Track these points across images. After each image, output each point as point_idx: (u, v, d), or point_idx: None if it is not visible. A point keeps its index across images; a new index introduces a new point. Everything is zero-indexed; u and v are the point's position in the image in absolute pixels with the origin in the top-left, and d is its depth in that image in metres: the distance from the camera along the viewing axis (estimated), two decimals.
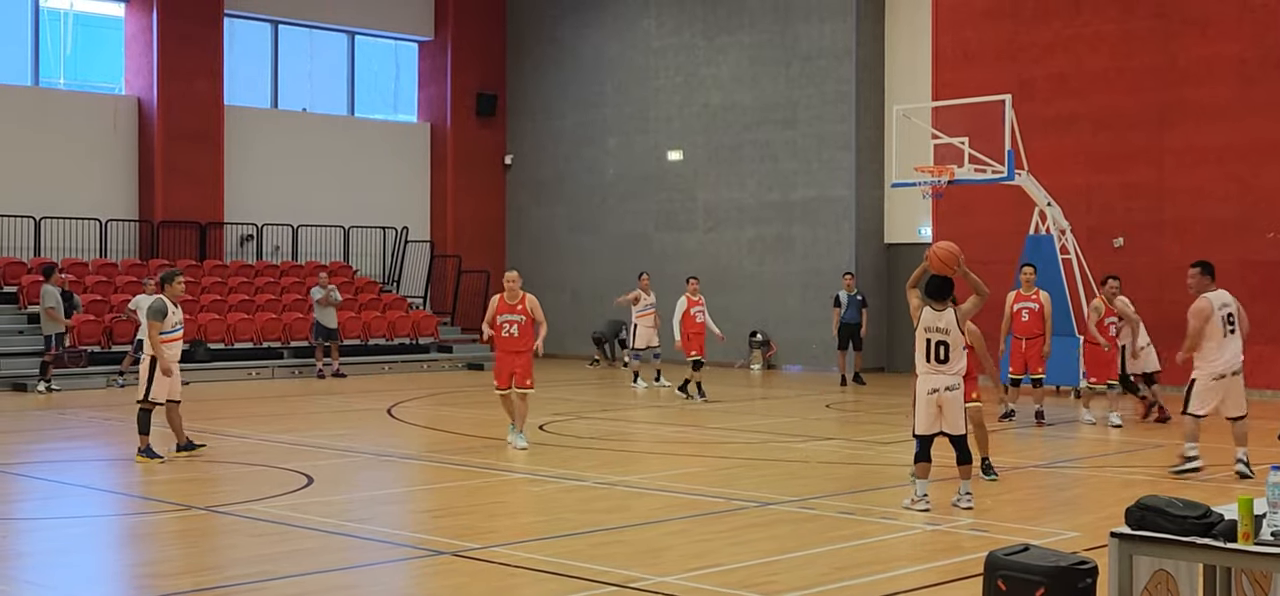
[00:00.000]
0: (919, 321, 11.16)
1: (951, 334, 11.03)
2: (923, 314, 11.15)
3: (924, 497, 11.08)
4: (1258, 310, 21.71)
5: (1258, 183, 22.02)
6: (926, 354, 11.09)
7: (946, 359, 11.03)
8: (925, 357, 11.10)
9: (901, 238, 27.21)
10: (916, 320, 11.22)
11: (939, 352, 11.03)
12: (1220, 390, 13.06)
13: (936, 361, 11.05)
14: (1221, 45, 22.39)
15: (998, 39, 24.70)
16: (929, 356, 11.08)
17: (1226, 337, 13.04)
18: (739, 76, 28.94)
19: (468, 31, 32.59)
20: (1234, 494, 8.06)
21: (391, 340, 28.21)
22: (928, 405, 11.08)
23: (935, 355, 11.05)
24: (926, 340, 11.09)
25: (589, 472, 13.51)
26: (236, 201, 29.17)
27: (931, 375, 11.07)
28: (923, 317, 11.14)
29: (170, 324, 14.14)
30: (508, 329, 15.22)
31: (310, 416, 19.51)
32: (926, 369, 11.09)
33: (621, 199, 31.12)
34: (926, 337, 11.10)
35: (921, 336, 11.13)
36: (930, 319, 11.11)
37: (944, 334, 11.04)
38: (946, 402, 11.03)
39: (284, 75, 30.94)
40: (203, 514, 11.30)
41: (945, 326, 11.07)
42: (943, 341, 11.03)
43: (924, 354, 11.10)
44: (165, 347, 14.09)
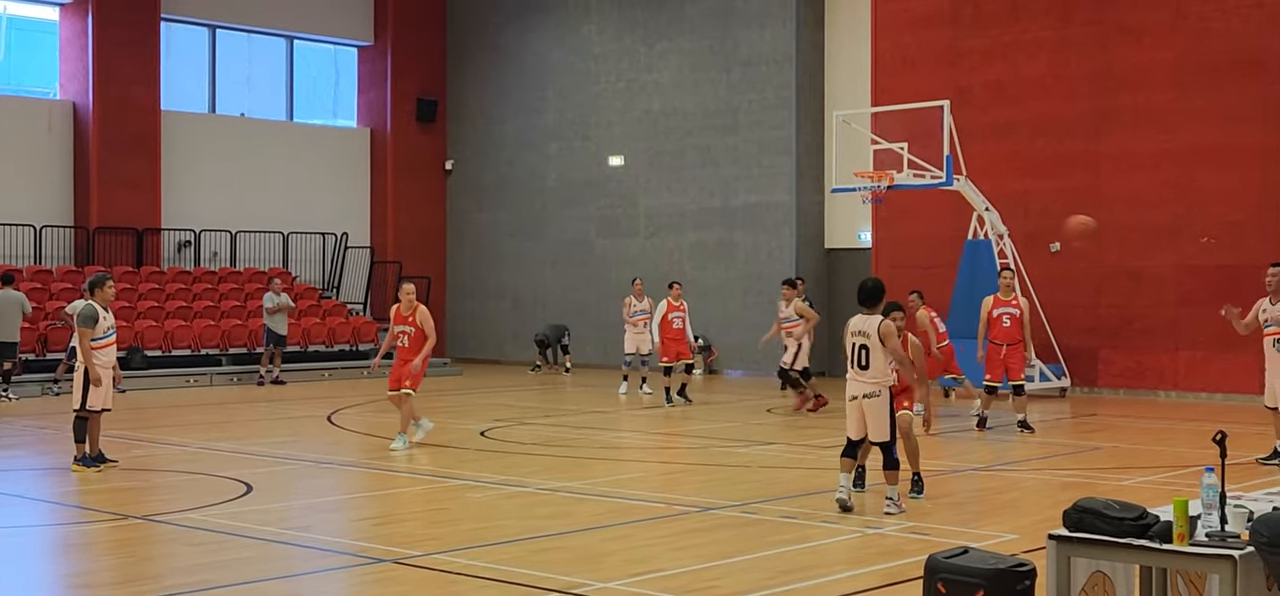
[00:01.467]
0: (848, 326, 11.21)
1: (872, 339, 11.06)
2: (851, 321, 11.21)
3: (843, 487, 11.16)
4: (1193, 315, 22.09)
5: (1193, 188, 22.32)
6: (850, 359, 11.15)
7: (867, 364, 11.06)
8: (849, 363, 11.17)
9: (842, 243, 27.37)
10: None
11: (861, 357, 11.08)
12: None
13: (858, 367, 11.11)
14: (1156, 52, 22.68)
15: (937, 46, 24.90)
16: (852, 361, 11.13)
17: None
18: (680, 82, 29.01)
19: (408, 36, 32.45)
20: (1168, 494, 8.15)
21: (331, 347, 28.01)
22: (851, 410, 11.19)
23: (857, 360, 11.11)
24: (851, 344, 11.15)
25: (531, 478, 13.47)
26: (174, 207, 28.87)
27: (852, 381, 11.16)
28: (850, 322, 11.20)
29: (102, 329, 13.96)
30: (401, 338, 15.90)
31: (250, 424, 19.34)
32: (850, 374, 11.18)
33: (563, 205, 31.09)
34: (851, 342, 11.15)
35: (846, 340, 11.20)
36: (857, 323, 11.17)
37: (866, 338, 11.08)
38: (867, 409, 11.08)
39: (222, 80, 30.67)
40: (139, 523, 11.17)
41: (868, 331, 11.09)
42: (865, 345, 11.08)
43: (848, 359, 11.17)
44: (98, 354, 13.91)
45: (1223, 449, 6.20)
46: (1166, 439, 17.05)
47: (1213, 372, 22.08)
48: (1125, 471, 13.97)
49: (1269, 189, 21.62)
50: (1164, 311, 22.37)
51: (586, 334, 29.86)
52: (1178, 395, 22.15)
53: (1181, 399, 21.97)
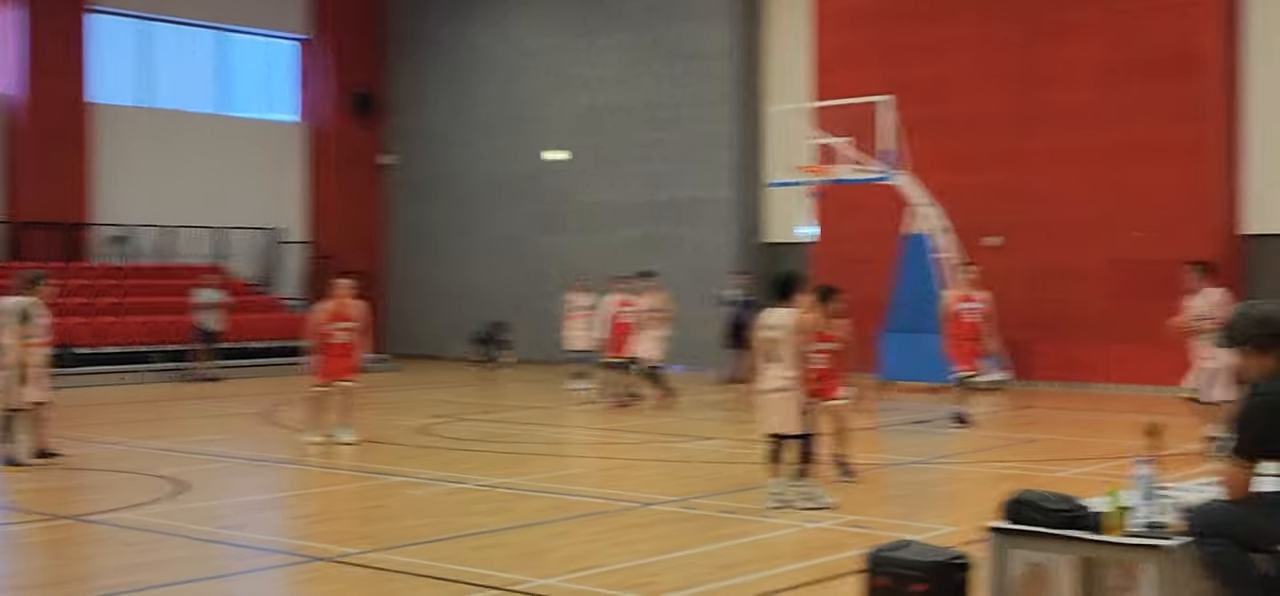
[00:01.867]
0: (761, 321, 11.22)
1: (784, 334, 11.07)
2: (763, 315, 11.23)
3: (775, 491, 11.14)
4: (1124, 308, 22.35)
5: (1123, 183, 22.58)
6: (763, 353, 11.16)
7: (779, 358, 11.08)
8: (762, 357, 11.18)
9: (780, 237, 27.44)
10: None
11: (773, 351, 11.11)
12: None
13: (774, 361, 11.12)
14: (1084, 49, 22.92)
15: (874, 41, 25.01)
16: (765, 356, 11.15)
17: None
18: (618, 77, 28.97)
19: (345, 30, 32.18)
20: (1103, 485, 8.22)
21: (267, 343, 27.73)
22: (763, 404, 11.21)
23: (769, 354, 11.12)
24: (763, 338, 11.16)
25: (470, 475, 13.41)
26: (105, 202, 28.48)
27: (764, 376, 11.16)
28: (762, 316, 11.23)
29: (36, 328, 13.74)
30: (340, 336, 15.78)
31: (183, 421, 19.13)
32: (765, 368, 11.17)
33: (500, 200, 30.97)
34: (763, 336, 11.16)
35: (758, 334, 11.20)
36: (769, 317, 11.18)
37: (778, 332, 11.10)
38: (776, 404, 11.09)
39: (155, 73, 30.26)
40: (70, 523, 11.00)
41: (780, 326, 11.11)
42: (774, 337, 11.11)
43: (761, 353, 11.18)
44: (30, 352, 13.69)
45: (1156, 441, 6.27)
46: (1100, 431, 17.24)
47: (1144, 365, 22.32)
48: (1061, 463, 14.11)
49: (1197, 184, 21.92)
50: (1096, 305, 22.62)
51: (524, 329, 29.74)
52: (1111, 388, 22.40)
53: (1115, 391, 22.22)
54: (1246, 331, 5.97)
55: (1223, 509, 5.85)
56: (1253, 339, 5.96)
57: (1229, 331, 6.07)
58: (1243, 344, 5.99)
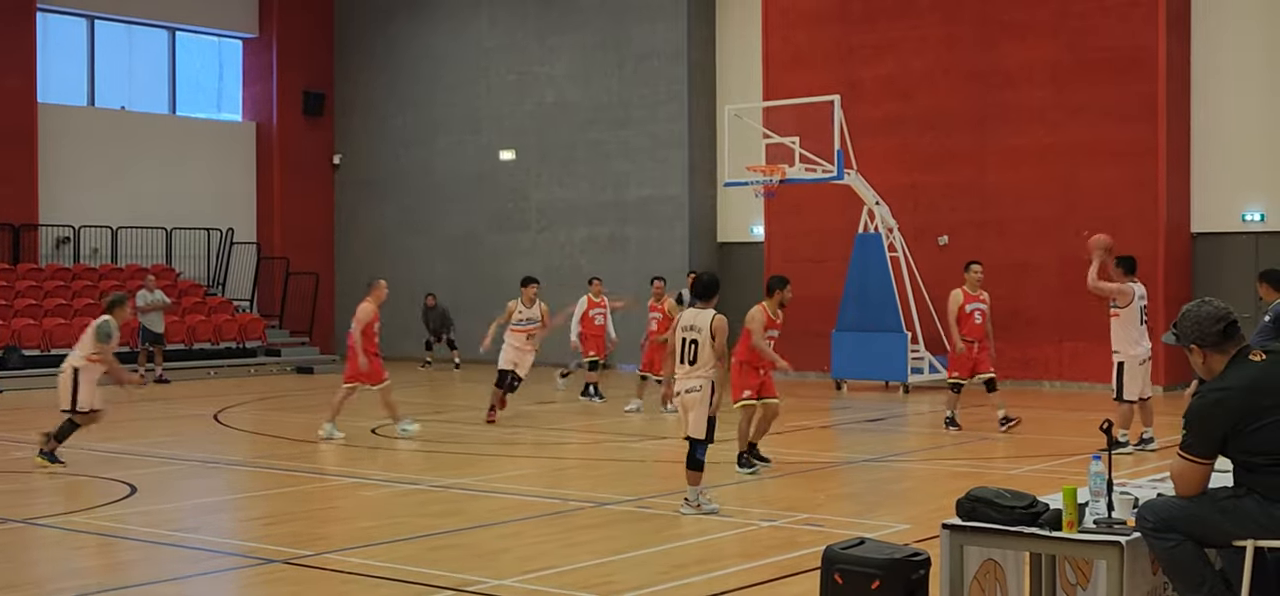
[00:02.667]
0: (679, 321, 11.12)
1: (703, 334, 11.02)
2: (682, 315, 11.14)
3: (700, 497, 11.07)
4: (1077, 305, 22.49)
5: (1076, 182, 22.76)
6: (680, 354, 11.05)
7: (696, 359, 11.01)
8: (679, 358, 11.06)
9: (734, 236, 27.50)
10: None
11: (690, 353, 11.02)
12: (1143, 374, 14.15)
13: (687, 362, 11.03)
14: (1039, 49, 23.09)
15: (827, 41, 25.10)
16: (683, 357, 11.05)
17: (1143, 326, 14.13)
18: (572, 76, 28.93)
19: (293, 28, 31.97)
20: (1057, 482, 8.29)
21: (217, 344, 27.52)
22: (678, 406, 11.14)
23: (687, 355, 11.04)
24: (681, 339, 11.06)
25: (423, 475, 13.34)
26: (52, 203, 28.16)
27: (681, 377, 11.06)
28: (682, 316, 11.14)
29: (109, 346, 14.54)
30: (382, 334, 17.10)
31: (133, 424, 18.90)
32: (680, 370, 11.07)
33: (453, 199, 30.86)
34: (681, 337, 11.06)
35: (677, 335, 11.09)
36: (689, 318, 11.09)
37: (696, 333, 11.04)
38: (688, 404, 11.02)
39: (101, 72, 29.96)
40: (19, 526, 10.86)
41: (699, 326, 11.05)
42: (695, 340, 11.04)
43: (678, 354, 11.07)
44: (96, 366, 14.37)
45: (1109, 438, 6.31)
46: (1053, 428, 17.37)
47: (1095, 363, 22.51)
48: (1014, 460, 14.20)
49: (1146, 183, 22.12)
50: (1048, 303, 22.80)
51: (476, 329, 29.59)
52: (1062, 385, 22.59)
53: (1066, 389, 22.41)
54: (1197, 329, 6.02)
55: (1177, 504, 5.89)
56: (1202, 337, 6.00)
57: (1178, 329, 6.10)
58: (1193, 341, 6.03)
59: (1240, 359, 5.95)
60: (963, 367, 16.53)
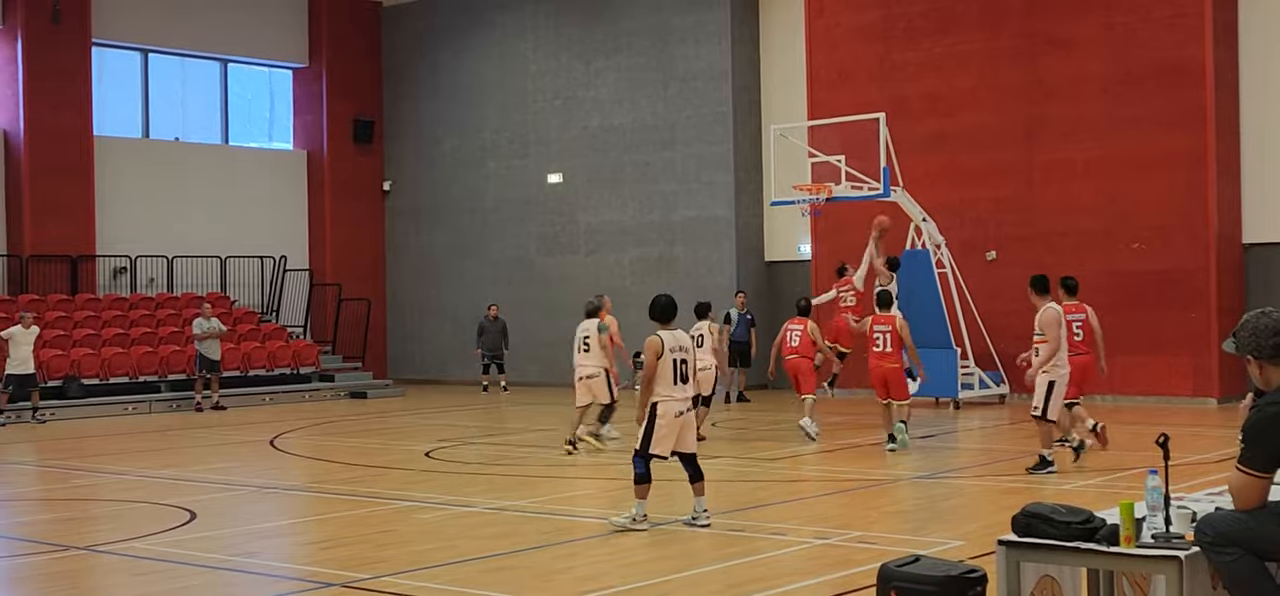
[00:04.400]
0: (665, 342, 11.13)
1: (691, 352, 11.20)
2: (662, 338, 11.14)
3: (645, 516, 11.16)
4: (1124, 318, 22.40)
5: (1122, 196, 22.67)
6: (673, 376, 11.11)
7: (688, 378, 11.19)
8: (672, 380, 11.11)
9: (781, 256, 27.54)
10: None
11: (683, 372, 11.16)
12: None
13: (681, 382, 11.14)
14: (1085, 63, 23.03)
15: (870, 59, 25.14)
16: (676, 378, 11.13)
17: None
18: (617, 99, 29.08)
19: (343, 57, 32.31)
20: (1112, 497, 8.28)
21: (272, 371, 27.77)
22: (672, 426, 11.16)
23: (680, 375, 11.14)
24: (672, 361, 11.11)
25: (477, 498, 13.44)
26: (108, 234, 28.55)
27: (678, 398, 11.14)
28: (665, 338, 11.14)
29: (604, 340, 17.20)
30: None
31: (191, 450, 19.15)
32: (673, 390, 11.11)
33: (502, 223, 31.06)
34: (672, 358, 11.12)
35: (667, 358, 11.10)
36: (671, 340, 11.17)
37: (685, 353, 11.19)
38: (688, 424, 11.21)
39: (155, 105, 30.38)
40: (83, 554, 11.04)
41: (686, 346, 11.21)
42: (685, 359, 11.18)
43: (672, 376, 11.10)
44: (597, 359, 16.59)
45: (1165, 451, 6.29)
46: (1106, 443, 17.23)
47: (1148, 376, 22.40)
48: (1066, 476, 14.14)
49: (1195, 193, 22.00)
50: (1099, 316, 22.60)
51: (527, 352, 29.80)
52: (1114, 399, 22.45)
53: (1118, 402, 22.27)
54: (1254, 340, 6.00)
55: (1236, 519, 5.87)
56: (1259, 348, 5.99)
57: (1238, 339, 6.08)
58: (1250, 352, 6.02)
59: None
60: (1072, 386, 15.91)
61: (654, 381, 11.09)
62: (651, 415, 11.13)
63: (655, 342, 11.12)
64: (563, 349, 27.76)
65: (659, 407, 11.11)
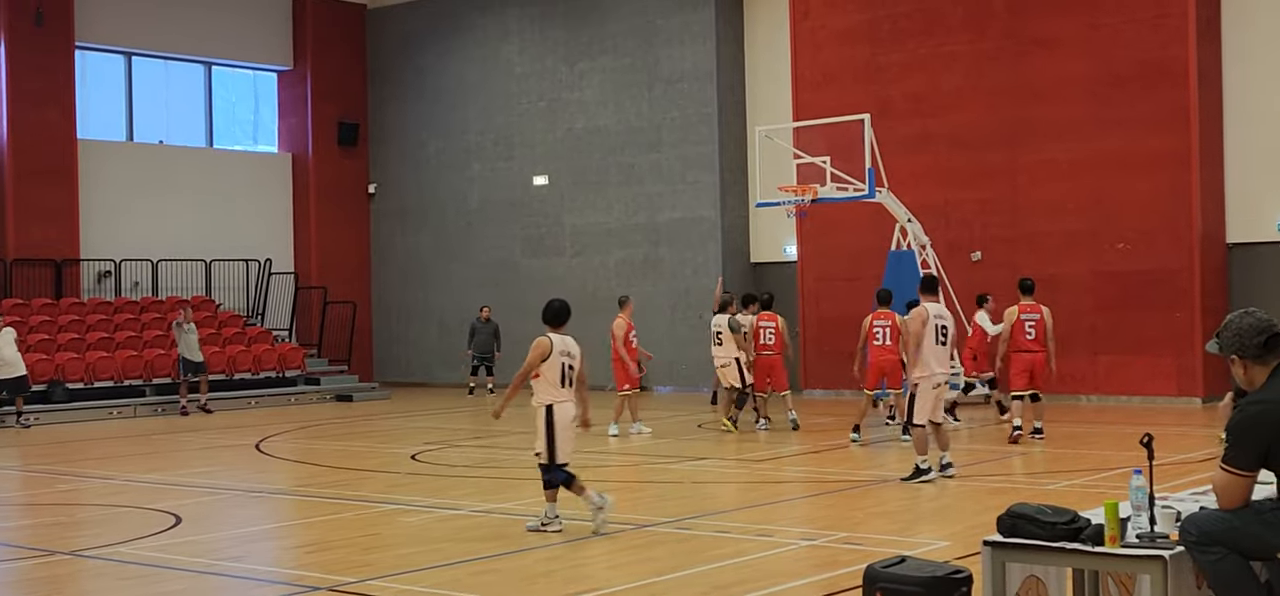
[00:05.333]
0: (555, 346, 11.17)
1: (578, 358, 11.26)
2: (552, 340, 11.20)
3: (557, 518, 11.18)
4: (1109, 319, 22.48)
5: (1107, 196, 22.73)
6: (562, 379, 11.17)
7: (573, 382, 11.27)
8: (561, 383, 11.16)
9: (767, 257, 27.56)
10: None
11: (569, 376, 11.22)
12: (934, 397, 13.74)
13: (567, 384, 11.19)
14: (1069, 64, 23.09)
15: (855, 61, 25.17)
16: (563, 381, 11.17)
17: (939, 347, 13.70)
18: (602, 100, 29.08)
19: (327, 60, 32.27)
20: (1096, 496, 8.30)
21: (257, 374, 27.72)
22: (570, 434, 11.23)
23: (566, 379, 11.19)
24: (560, 364, 11.16)
25: (463, 501, 13.43)
26: (93, 237, 28.47)
27: (569, 403, 11.22)
28: (555, 344, 11.19)
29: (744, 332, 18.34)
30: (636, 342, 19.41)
31: (176, 454, 19.11)
32: (565, 394, 11.17)
33: (487, 225, 31.04)
34: (560, 361, 11.16)
35: (556, 361, 11.14)
36: (560, 343, 11.21)
37: (572, 358, 11.25)
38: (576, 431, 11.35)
39: (139, 107, 30.30)
40: (67, 559, 11.00)
41: (574, 352, 11.27)
42: (572, 364, 11.24)
43: (559, 378, 11.16)
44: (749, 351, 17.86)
45: (1150, 451, 6.31)
46: (1089, 442, 17.34)
47: (1132, 376, 22.48)
48: (1051, 476, 14.19)
49: (1179, 194, 22.08)
50: (1082, 318, 22.74)
51: (513, 355, 29.71)
52: (1098, 399, 22.52)
53: (1102, 402, 22.34)
54: (1238, 340, 6.03)
55: (1220, 518, 5.90)
56: (1243, 348, 6.01)
57: (1221, 339, 6.11)
58: (1234, 352, 6.05)
59: None
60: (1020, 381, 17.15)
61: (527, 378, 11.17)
62: (549, 422, 11.15)
63: (544, 344, 11.15)
64: None
65: (555, 412, 11.15)
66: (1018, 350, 17.09)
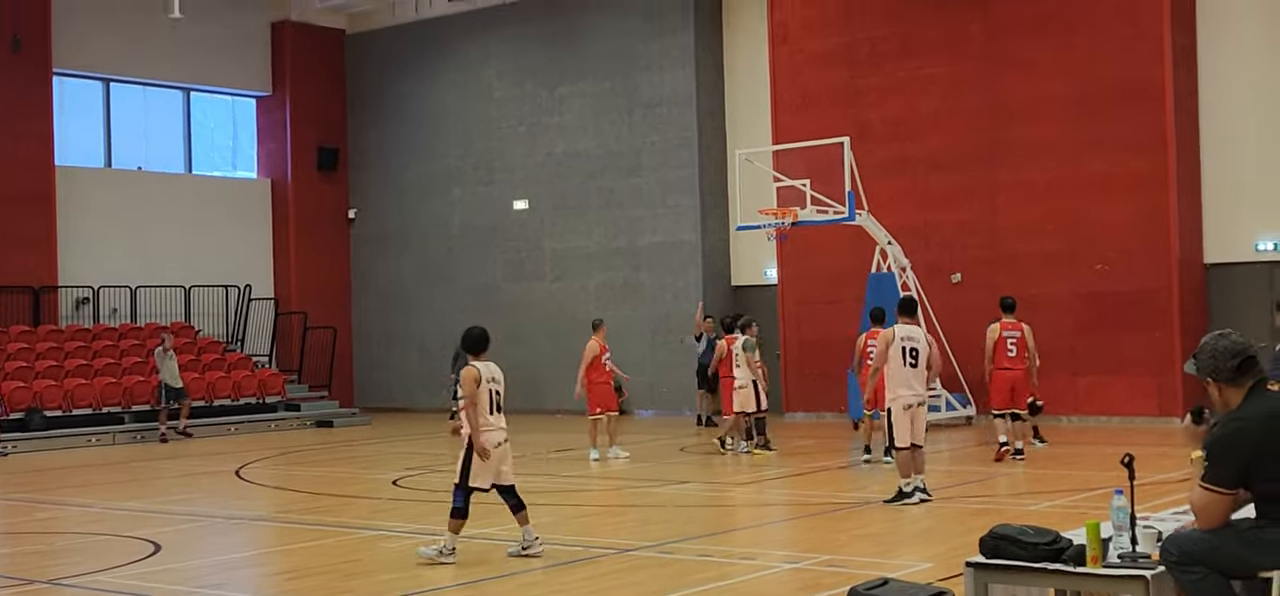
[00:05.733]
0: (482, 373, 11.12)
1: (503, 383, 11.23)
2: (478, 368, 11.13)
3: (453, 550, 11.14)
4: (1088, 339, 22.54)
5: (1085, 217, 22.82)
6: (491, 406, 11.12)
7: (502, 407, 11.22)
8: (490, 410, 11.12)
9: (748, 280, 27.60)
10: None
11: (497, 401, 11.17)
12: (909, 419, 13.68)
13: (495, 411, 11.15)
14: (1045, 86, 23.19)
15: (834, 84, 25.25)
16: (491, 407, 11.13)
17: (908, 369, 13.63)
18: (581, 125, 29.11)
19: (306, 86, 32.23)
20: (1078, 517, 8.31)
21: (237, 400, 27.60)
22: (498, 457, 11.16)
23: (496, 405, 11.16)
24: (488, 391, 11.11)
25: (445, 527, 13.36)
26: (71, 264, 28.36)
27: (497, 428, 11.16)
28: (482, 372, 11.13)
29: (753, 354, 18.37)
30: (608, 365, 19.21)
31: (155, 482, 19.00)
32: (493, 421, 11.13)
33: (468, 250, 31.01)
34: (487, 389, 11.11)
35: (484, 389, 11.09)
36: (485, 371, 11.16)
37: (498, 384, 11.21)
38: (508, 453, 11.28)
39: (118, 134, 30.22)
40: (45, 588, 10.93)
41: (499, 378, 11.23)
42: (499, 390, 11.20)
43: (488, 406, 11.11)
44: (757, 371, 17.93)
45: (1130, 471, 6.34)
46: (1070, 463, 17.37)
47: (1112, 396, 22.54)
48: (1033, 497, 14.21)
49: (1157, 214, 22.18)
50: (1062, 338, 22.79)
51: None
52: (1079, 420, 22.58)
53: (1082, 423, 22.40)
54: (1212, 363, 6.04)
55: (1201, 537, 5.91)
56: (1218, 371, 6.02)
57: (1197, 361, 6.13)
58: (1208, 375, 6.06)
59: (1257, 391, 5.98)
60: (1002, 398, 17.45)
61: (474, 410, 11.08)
62: (469, 447, 11.09)
63: (473, 373, 11.08)
64: (530, 375, 27.83)
65: (483, 438, 11.07)
66: (1000, 368, 17.25)
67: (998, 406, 17.36)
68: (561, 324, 28.26)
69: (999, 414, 17.36)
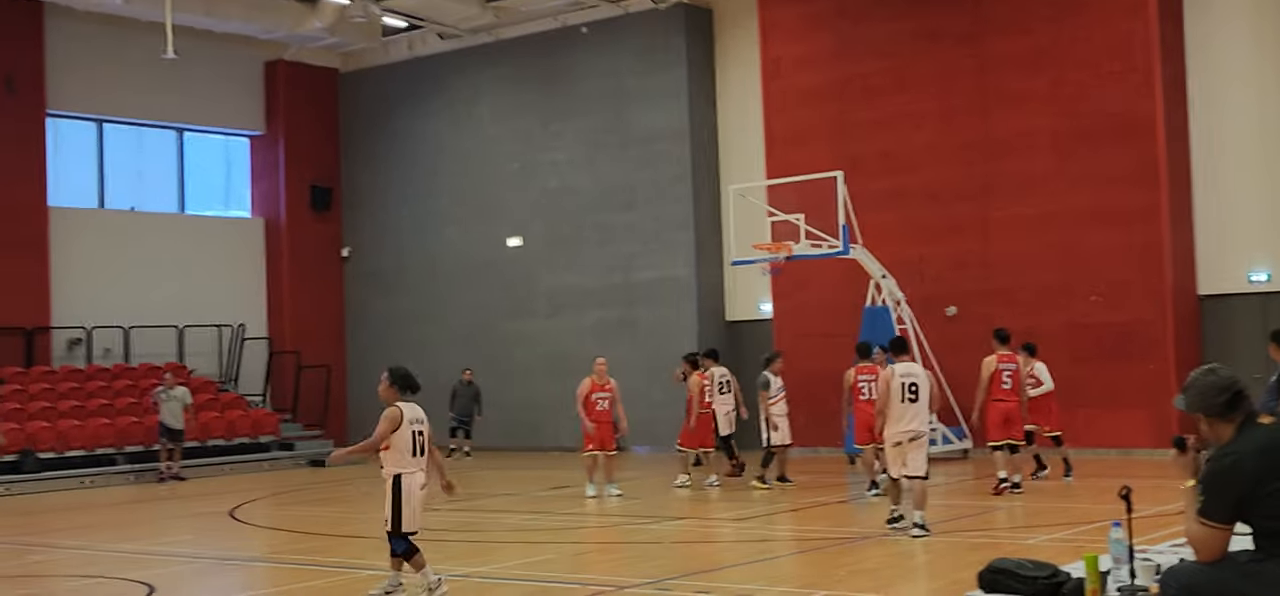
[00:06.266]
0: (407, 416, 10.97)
1: (427, 425, 11.09)
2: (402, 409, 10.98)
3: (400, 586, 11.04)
4: (1083, 371, 22.52)
5: (1078, 249, 22.85)
6: (413, 448, 10.95)
7: (426, 450, 11.06)
8: (412, 452, 10.95)
9: (743, 315, 27.59)
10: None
11: (420, 444, 11.00)
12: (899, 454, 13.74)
13: (418, 453, 11.00)
14: (1036, 120, 23.26)
15: (827, 119, 25.31)
16: (414, 450, 10.96)
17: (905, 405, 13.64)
18: (575, 161, 29.15)
19: (299, 125, 32.26)
20: (1076, 550, 8.29)
21: (231, 440, 27.53)
22: (419, 499, 11.00)
23: (418, 447, 10.99)
24: (411, 432, 10.93)
25: (441, 566, 13.28)
26: (64, 305, 28.31)
27: (419, 471, 10.99)
28: (405, 413, 10.96)
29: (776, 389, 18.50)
30: (602, 404, 18.91)
31: (150, 523, 18.94)
32: (415, 464, 10.95)
33: (463, 288, 30.99)
34: (411, 430, 10.94)
35: (406, 430, 10.91)
36: (410, 412, 10.98)
37: (423, 425, 11.06)
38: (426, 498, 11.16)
39: (111, 174, 30.23)
40: None
41: (423, 419, 11.09)
42: (422, 431, 11.04)
43: (411, 448, 10.94)
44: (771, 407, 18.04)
45: (1128, 504, 6.33)
46: (1067, 496, 17.35)
47: (1107, 428, 22.51)
48: (1030, 530, 14.17)
49: (1149, 247, 22.21)
50: (1057, 371, 22.69)
51: (490, 416, 29.61)
52: (1075, 452, 22.51)
53: (1079, 455, 22.33)
54: (1202, 399, 6.02)
55: (1199, 570, 5.90)
56: (1207, 406, 6.01)
57: (1187, 397, 6.11)
58: (1199, 411, 6.04)
59: (1249, 424, 5.98)
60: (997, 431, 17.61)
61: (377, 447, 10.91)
62: (397, 491, 10.86)
63: (395, 413, 10.88)
64: (525, 412, 27.78)
65: (403, 481, 10.86)
66: (994, 400, 17.28)
67: (994, 439, 17.37)
68: (557, 361, 28.22)
69: (996, 446, 17.37)
